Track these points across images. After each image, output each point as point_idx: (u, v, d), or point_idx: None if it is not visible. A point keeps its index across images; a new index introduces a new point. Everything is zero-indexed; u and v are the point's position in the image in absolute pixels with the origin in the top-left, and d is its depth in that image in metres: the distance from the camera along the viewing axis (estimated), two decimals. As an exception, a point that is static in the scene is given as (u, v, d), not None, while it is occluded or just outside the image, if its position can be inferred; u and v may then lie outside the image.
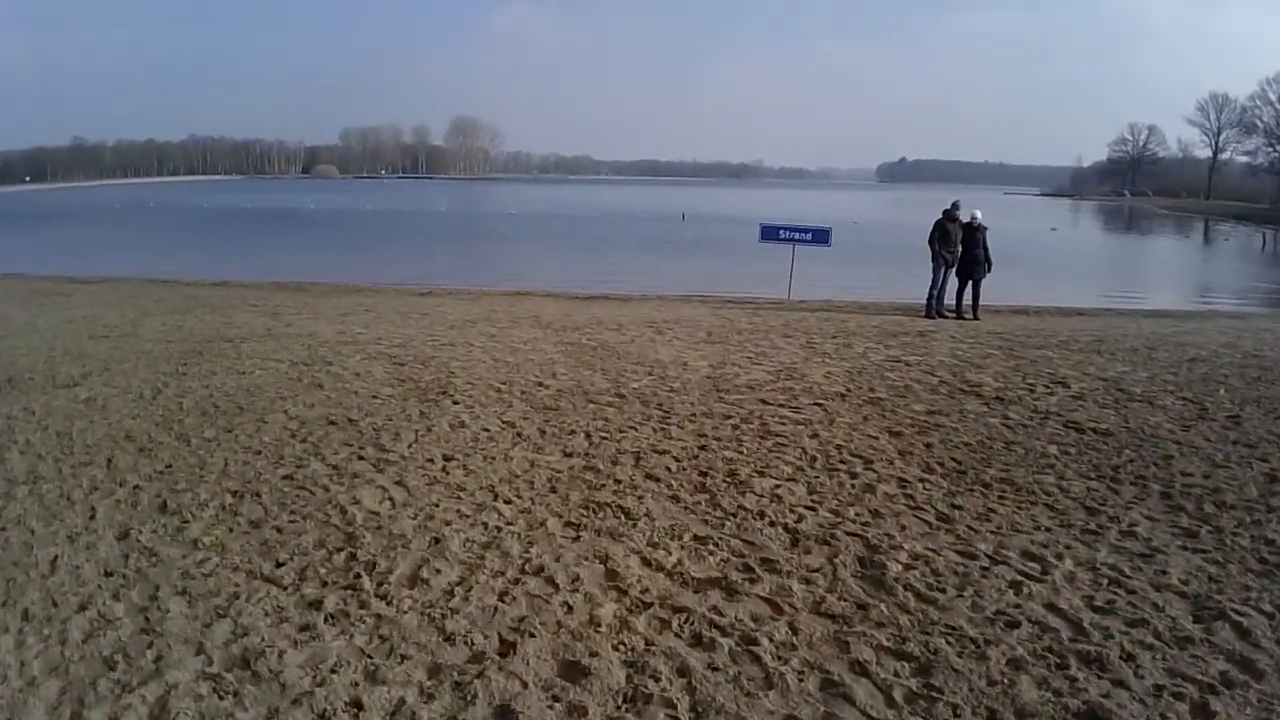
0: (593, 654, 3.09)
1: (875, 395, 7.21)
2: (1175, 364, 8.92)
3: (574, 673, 2.98)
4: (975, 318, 12.64)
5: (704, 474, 5.07)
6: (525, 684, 2.91)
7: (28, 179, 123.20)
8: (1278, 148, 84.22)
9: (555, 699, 2.84)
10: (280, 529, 4.16)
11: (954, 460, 5.45)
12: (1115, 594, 3.67)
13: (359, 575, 3.66)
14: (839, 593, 3.61)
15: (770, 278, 17.30)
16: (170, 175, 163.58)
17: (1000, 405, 6.95)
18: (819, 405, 6.82)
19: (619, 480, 4.94)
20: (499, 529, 4.19)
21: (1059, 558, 4.02)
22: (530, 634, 3.20)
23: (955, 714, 2.81)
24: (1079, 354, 9.44)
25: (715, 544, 4.06)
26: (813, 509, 4.55)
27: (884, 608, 3.49)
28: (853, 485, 4.94)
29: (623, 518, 4.37)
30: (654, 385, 7.46)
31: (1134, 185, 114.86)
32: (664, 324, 11.28)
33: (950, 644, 3.23)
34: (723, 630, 3.27)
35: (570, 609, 3.41)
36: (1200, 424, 6.50)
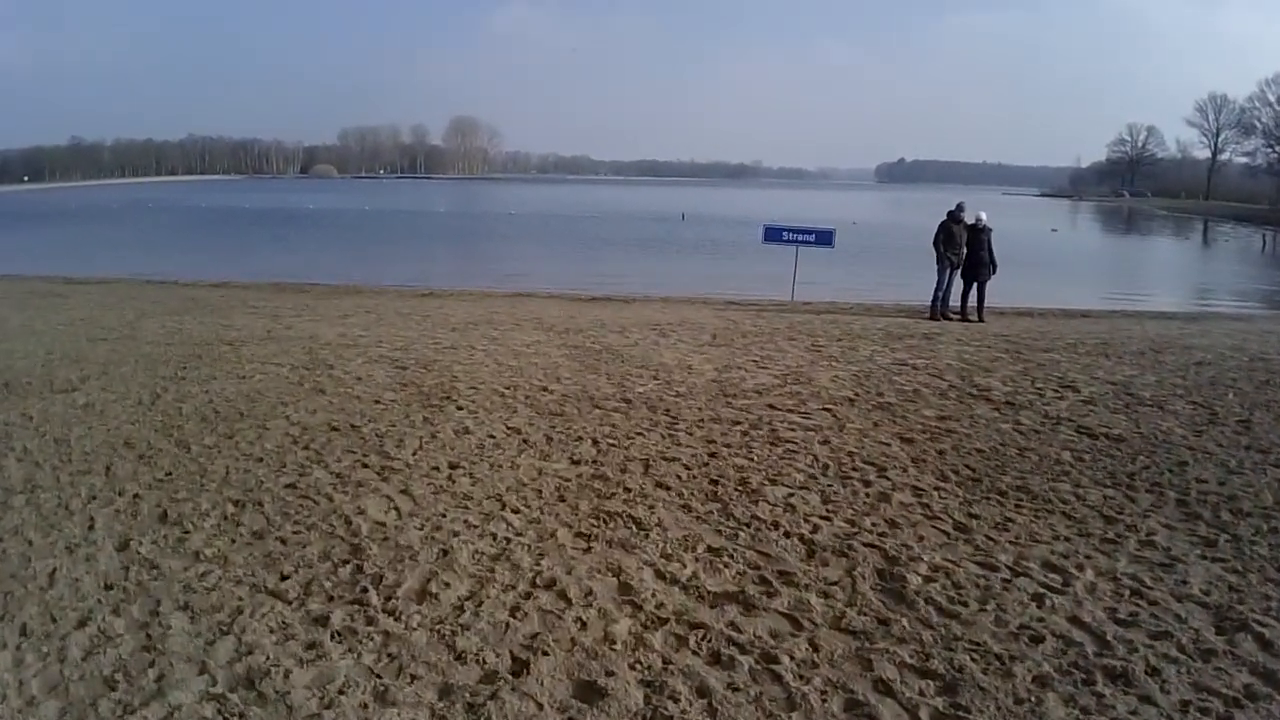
0: (609, 673, 2.99)
1: (884, 400, 7.13)
2: (1183, 367, 8.86)
3: (590, 693, 2.88)
4: (980, 320, 12.56)
5: (715, 482, 4.98)
6: (540, 706, 2.81)
7: (26, 178, 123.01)
8: (1276, 149, 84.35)
9: (571, 721, 2.74)
10: (284, 540, 4.06)
11: (968, 468, 5.37)
12: (1138, 605, 3.61)
13: (366, 589, 3.56)
14: (859, 607, 3.52)
15: (772, 279, 17.24)
16: (168, 175, 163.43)
17: (1011, 410, 6.87)
18: (828, 410, 6.73)
19: (629, 489, 4.84)
20: (508, 540, 4.09)
21: (1079, 568, 3.95)
22: (544, 652, 3.10)
23: (984, 736, 2.72)
24: (1086, 357, 9.37)
25: (730, 556, 3.96)
26: (828, 519, 4.46)
27: (906, 622, 3.40)
28: (867, 494, 4.85)
29: (634, 528, 4.27)
30: (660, 390, 7.36)
31: (1133, 186, 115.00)
32: (667, 326, 11.19)
33: (975, 660, 3.15)
34: (742, 647, 3.18)
35: (584, 625, 3.31)
36: (1212, 429, 6.43)
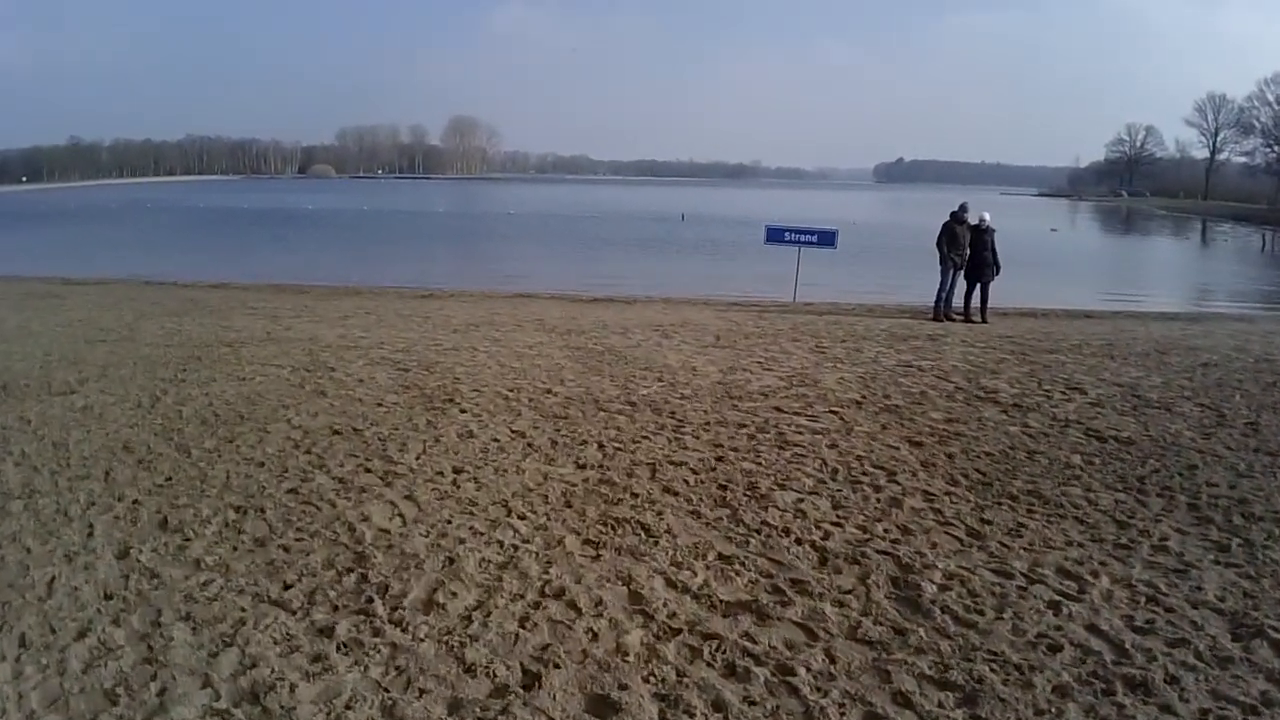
0: (622, 686, 2.92)
1: (891, 403, 7.06)
2: (1189, 369, 8.81)
3: (603, 708, 2.81)
4: (984, 321, 12.51)
5: (723, 487, 4.91)
6: (552, 720, 2.75)
7: (24, 179, 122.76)
8: (1275, 148, 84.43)
9: (584, 737, 2.67)
10: (287, 548, 3.99)
11: (978, 472, 5.30)
12: (1154, 613, 3.56)
13: (371, 599, 3.49)
14: (875, 616, 3.45)
15: (773, 279, 17.18)
16: (167, 175, 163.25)
17: (1019, 413, 6.81)
18: (835, 413, 6.67)
19: (636, 494, 4.77)
20: (515, 548, 4.02)
21: (1094, 575, 3.90)
22: (555, 664, 3.02)
23: (1007, 750, 2.66)
24: (1092, 358, 9.32)
25: (741, 563, 3.89)
26: (839, 525, 4.39)
27: (923, 632, 3.33)
28: (877, 499, 4.78)
29: (643, 535, 4.20)
30: (664, 392, 7.29)
31: (1131, 186, 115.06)
32: (670, 328, 11.12)
33: (994, 671, 3.08)
34: (757, 659, 3.11)
35: (595, 636, 3.24)
36: (1220, 431, 6.37)
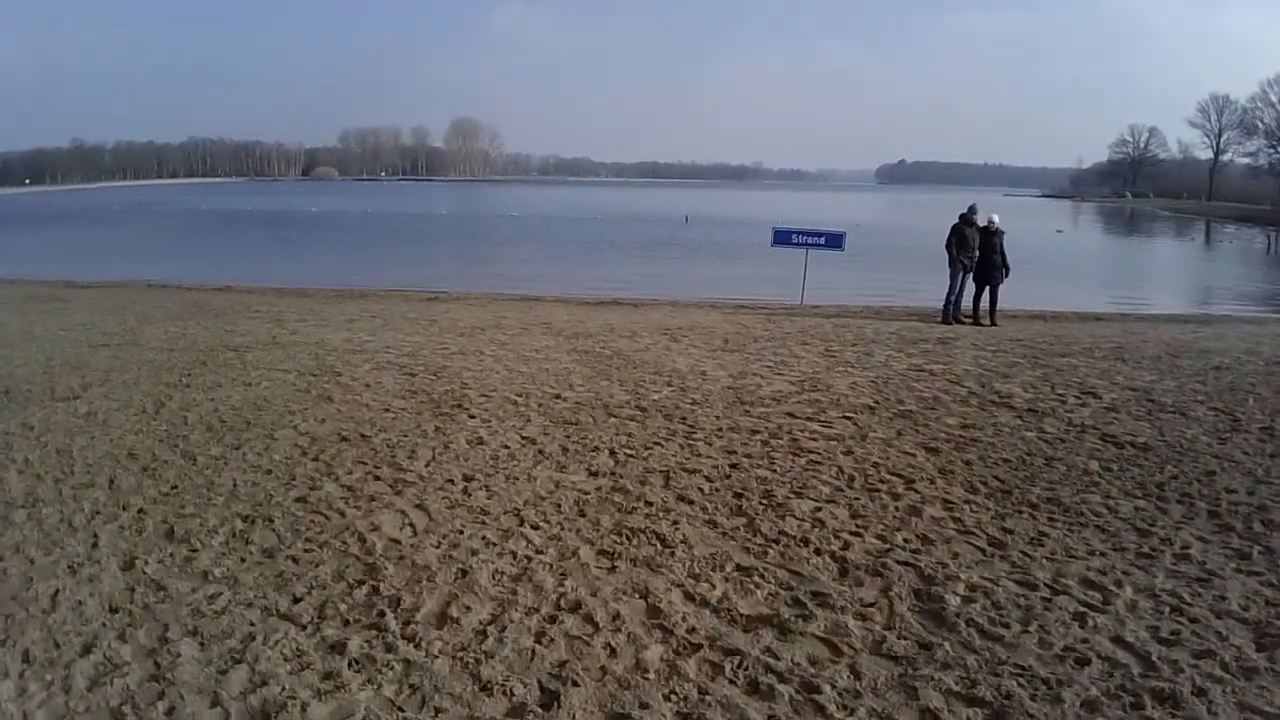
0: (643, 705, 2.83)
1: (905, 408, 6.97)
2: (1201, 372, 8.71)
3: (624, 728, 2.73)
4: (993, 323, 12.41)
5: (739, 495, 4.82)
6: (572, 741, 2.66)
7: (27, 181, 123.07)
8: (1279, 149, 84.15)
9: (606, 758, 2.59)
10: (295, 559, 3.90)
11: (997, 479, 5.21)
12: (1179, 623, 3.48)
13: (383, 613, 3.40)
14: (899, 630, 3.36)
15: (779, 281, 17.10)
16: (170, 177, 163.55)
17: (1034, 418, 6.71)
18: (848, 419, 6.58)
19: (650, 502, 4.68)
20: (529, 559, 3.93)
21: (1118, 585, 3.81)
22: (574, 682, 2.94)
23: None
24: (1104, 362, 9.22)
25: (760, 575, 3.80)
26: (858, 534, 4.30)
27: (948, 646, 3.24)
28: (896, 508, 4.69)
29: (659, 545, 4.11)
30: (675, 397, 7.21)
31: (1135, 187, 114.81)
32: (678, 331, 11.04)
33: (1022, 686, 3.00)
34: (780, 676, 3.02)
35: (614, 652, 3.15)
36: (1235, 436, 6.28)
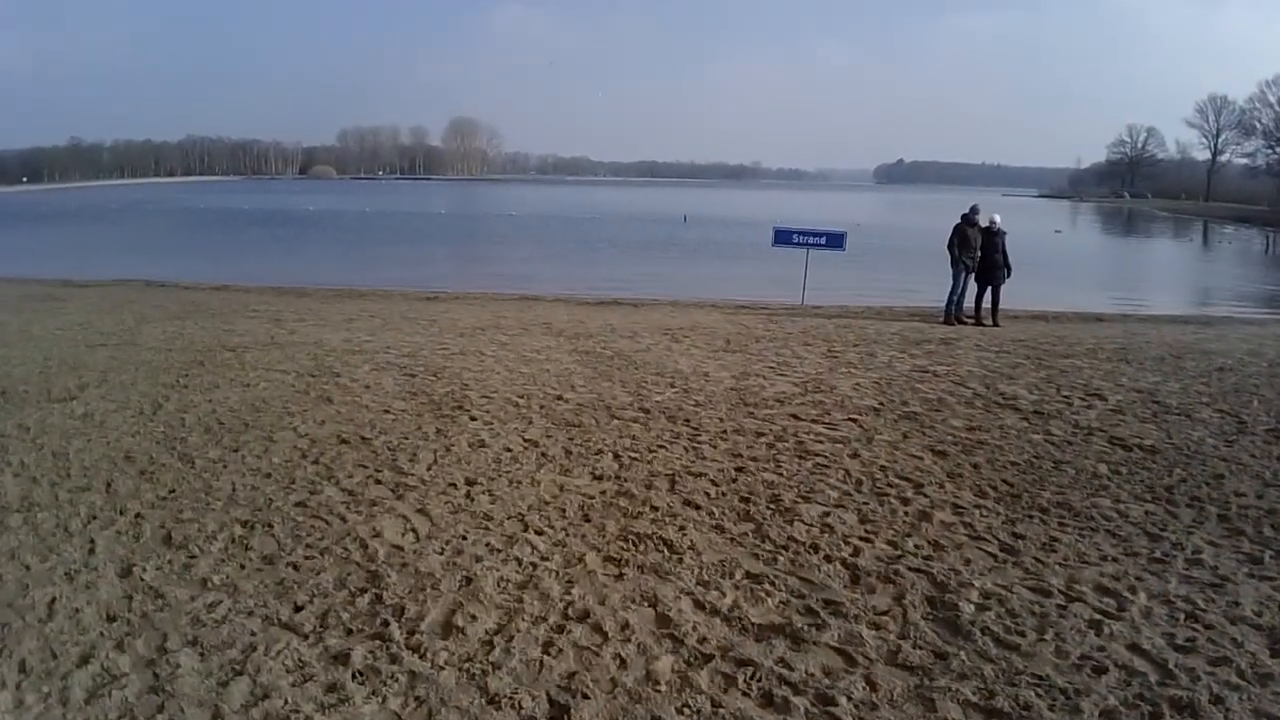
0: (655, 719, 2.76)
1: (910, 410, 6.91)
2: (1205, 374, 8.67)
3: (637, 742, 2.67)
4: (995, 324, 12.36)
5: (746, 500, 4.75)
6: (583, 756, 2.59)
7: (25, 179, 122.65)
8: (1277, 150, 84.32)
9: (617, 774, 2.52)
10: (296, 566, 3.83)
11: (1005, 483, 5.15)
12: (1194, 630, 3.44)
13: (387, 622, 3.33)
14: (914, 639, 3.29)
15: (779, 281, 17.03)
16: (167, 176, 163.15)
17: (1040, 420, 6.66)
18: (853, 421, 6.51)
19: (656, 507, 4.61)
20: (534, 566, 3.86)
21: (1132, 591, 3.76)
22: (584, 694, 2.86)
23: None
24: (1108, 363, 9.17)
25: (771, 583, 3.73)
26: (868, 540, 4.24)
27: (964, 656, 3.18)
28: (906, 512, 4.63)
29: (666, 552, 4.04)
30: (678, 399, 7.14)
31: (1133, 187, 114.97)
32: (679, 331, 10.97)
33: (1040, 696, 2.94)
34: (795, 687, 2.95)
35: (623, 663, 3.08)
36: (1242, 439, 6.24)
